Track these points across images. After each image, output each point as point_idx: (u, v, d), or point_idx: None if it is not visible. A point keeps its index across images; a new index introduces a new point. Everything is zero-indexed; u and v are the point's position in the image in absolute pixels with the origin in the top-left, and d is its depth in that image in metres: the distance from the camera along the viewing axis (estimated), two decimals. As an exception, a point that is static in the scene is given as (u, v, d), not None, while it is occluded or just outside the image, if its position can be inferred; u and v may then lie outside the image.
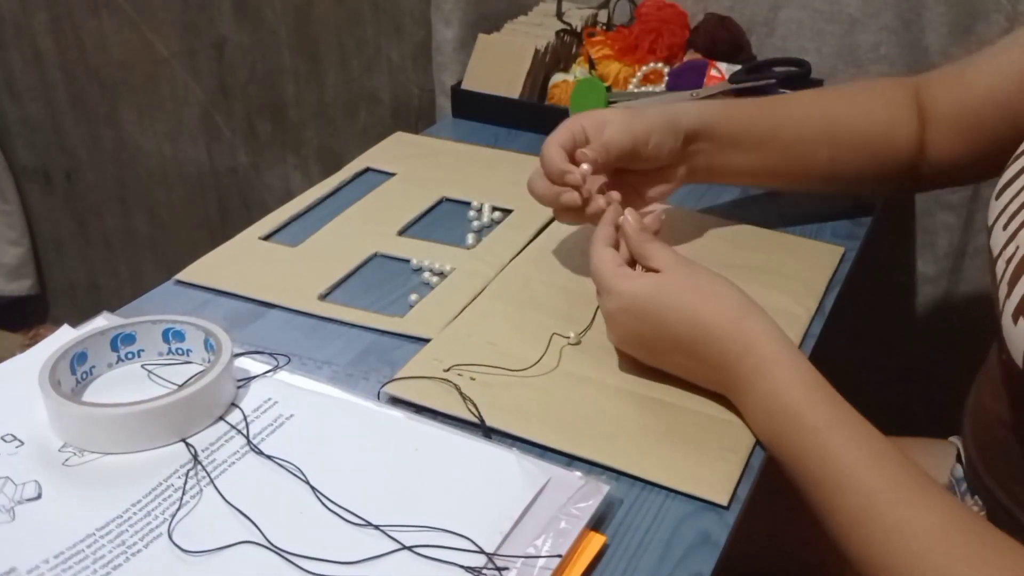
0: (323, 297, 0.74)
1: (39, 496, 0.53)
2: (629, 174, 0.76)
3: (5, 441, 0.57)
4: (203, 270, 0.77)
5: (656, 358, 0.64)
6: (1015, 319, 0.55)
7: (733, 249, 0.80)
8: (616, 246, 0.67)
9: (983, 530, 0.50)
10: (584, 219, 0.72)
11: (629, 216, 0.66)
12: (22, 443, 0.57)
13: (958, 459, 0.74)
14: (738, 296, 0.61)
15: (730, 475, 0.57)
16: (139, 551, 0.50)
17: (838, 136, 0.80)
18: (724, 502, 0.55)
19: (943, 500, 0.52)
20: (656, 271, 0.63)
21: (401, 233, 0.84)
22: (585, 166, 0.70)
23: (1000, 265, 0.59)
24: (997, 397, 0.66)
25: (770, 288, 0.73)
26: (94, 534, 0.51)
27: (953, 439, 0.77)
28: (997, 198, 0.63)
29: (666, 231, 0.81)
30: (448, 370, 0.65)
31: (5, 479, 0.54)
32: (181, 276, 0.76)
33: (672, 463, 0.58)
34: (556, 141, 0.72)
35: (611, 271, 0.63)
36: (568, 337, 0.68)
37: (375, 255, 0.80)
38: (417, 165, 0.95)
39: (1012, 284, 0.56)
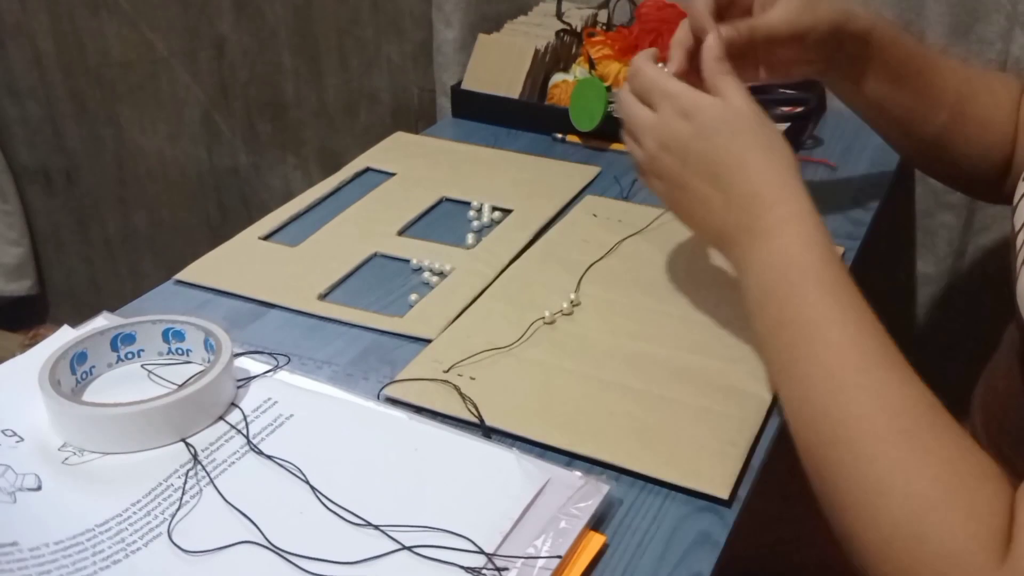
0: (323, 297, 0.74)
1: (39, 487, 0.53)
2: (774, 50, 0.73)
3: (5, 435, 0.57)
4: (203, 270, 0.77)
5: (682, 180, 0.62)
6: None
7: None
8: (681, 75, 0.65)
9: (938, 422, 0.50)
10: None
11: (713, 39, 0.64)
12: (22, 439, 0.57)
13: None
14: (791, 160, 0.60)
15: (730, 469, 0.57)
16: (138, 549, 0.50)
17: (960, 109, 0.77)
18: (725, 495, 0.55)
19: (916, 381, 0.51)
20: None
21: (401, 233, 0.84)
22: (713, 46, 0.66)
23: (1021, 237, 0.59)
24: (1012, 375, 0.65)
25: None
26: (93, 529, 0.51)
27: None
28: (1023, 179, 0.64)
29: (664, 230, 0.82)
30: (448, 371, 0.65)
31: (6, 467, 0.54)
32: (181, 276, 0.76)
33: (672, 458, 0.58)
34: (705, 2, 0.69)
35: (674, 80, 0.63)
36: (562, 308, 0.70)
37: (375, 255, 0.80)
38: (417, 165, 0.95)
39: None
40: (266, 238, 0.83)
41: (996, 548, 0.44)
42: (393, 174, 0.94)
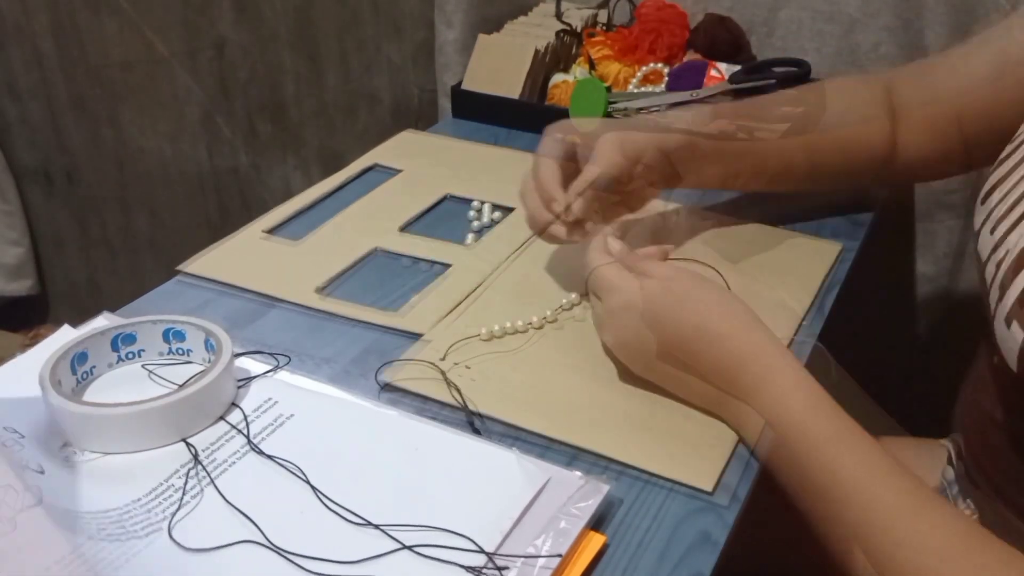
0: (321, 291, 0.75)
1: (43, 472, 0.54)
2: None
3: (7, 431, 0.57)
4: (205, 263, 0.78)
5: (650, 362, 0.62)
6: (1008, 323, 0.55)
7: (731, 245, 0.81)
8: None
9: (989, 544, 0.50)
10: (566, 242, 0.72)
11: (612, 243, 0.66)
12: (23, 437, 0.57)
13: (949, 461, 0.74)
14: (743, 307, 0.61)
15: (716, 462, 0.58)
16: (139, 551, 0.50)
17: (814, 141, 0.80)
18: (709, 488, 0.56)
19: (950, 513, 0.52)
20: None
21: (403, 229, 0.84)
22: (575, 203, 0.71)
23: (990, 269, 0.59)
24: (990, 398, 0.66)
25: (766, 283, 0.73)
26: (96, 513, 0.51)
27: (944, 441, 0.77)
28: (983, 203, 0.63)
29: (663, 228, 0.82)
30: (444, 359, 0.66)
31: (6, 488, 0.54)
32: (183, 267, 0.77)
33: (660, 451, 0.58)
34: (550, 156, 0.73)
35: (616, 271, 0.64)
36: (561, 303, 0.70)
37: (375, 251, 0.80)
38: (423, 163, 0.96)
39: (1004, 288, 0.56)
40: (269, 233, 0.83)
41: None
42: (399, 171, 0.94)
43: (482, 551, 0.50)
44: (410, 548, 0.50)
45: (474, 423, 0.61)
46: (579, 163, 0.73)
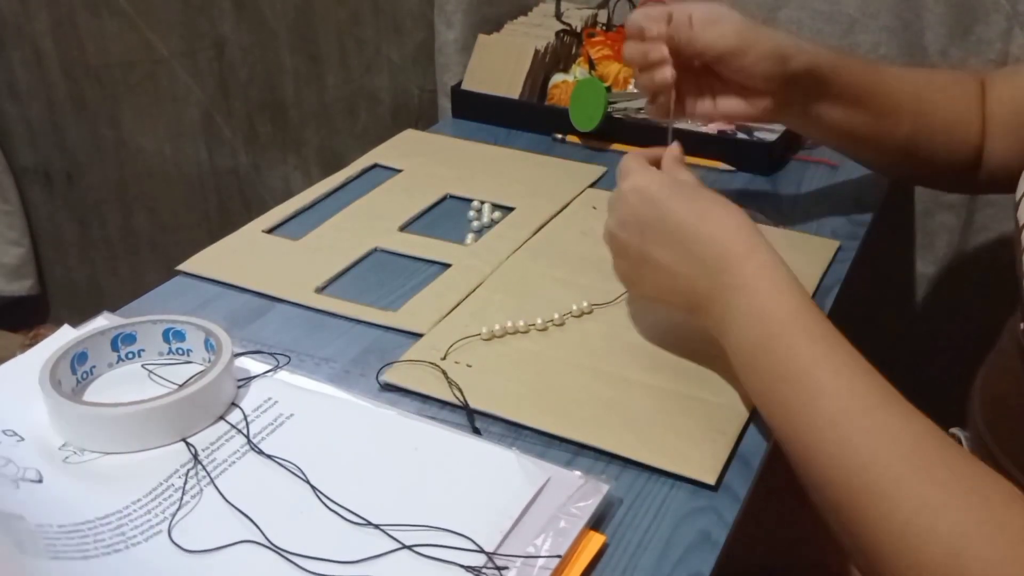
0: (320, 290, 0.75)
1: (40, 480, 0.54)
2: (714, 76, 0.75)
3: (6, 435, 0.57)
4: (205, 262, 0.78)
5: (643, 253, 0.63)
6: None
7: None
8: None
9: (954, 450, 0.49)
10: (654, 86, 0.74)
11: (675, 147, 0.68)
12: (23, 439, 0.57)
13: None
14: (744, 215, 0.61)
15: (718, 455, 0.58)
16: (138, 543, 0.50)
17: (922, 115, 0.79)
18: (712, 481, 0.56)
19: (918, 414, 0.51)
20: None
21: (403, 229, 0.84)
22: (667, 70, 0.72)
23: None
24: (1016, 375, 0.65)
25: None
26: (93, 521, 0.51)
27: (954, 430, 0.77)
28: None
29: None
30: (444, 358, 0.66)
31: (7, 460, 0.54)
32: (183, 267, 0.77)
33: (662, 445, 0.58)
34: (648, 12, 0.73)
35: (640, 162, 0.66)
36: (571, 310, 0.70)
37: (375, 250, 0.80)
38: (424, 162, 0.96)
39: None
40: (270, 231, 0.83)
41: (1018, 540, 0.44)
42: (400, 171, 0.94)
43: (482, 551, 0.50)
44: (410, 548, 0.50)
45: (474, 421, 0.61)
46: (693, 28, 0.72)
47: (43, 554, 0.48)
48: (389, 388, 0.64)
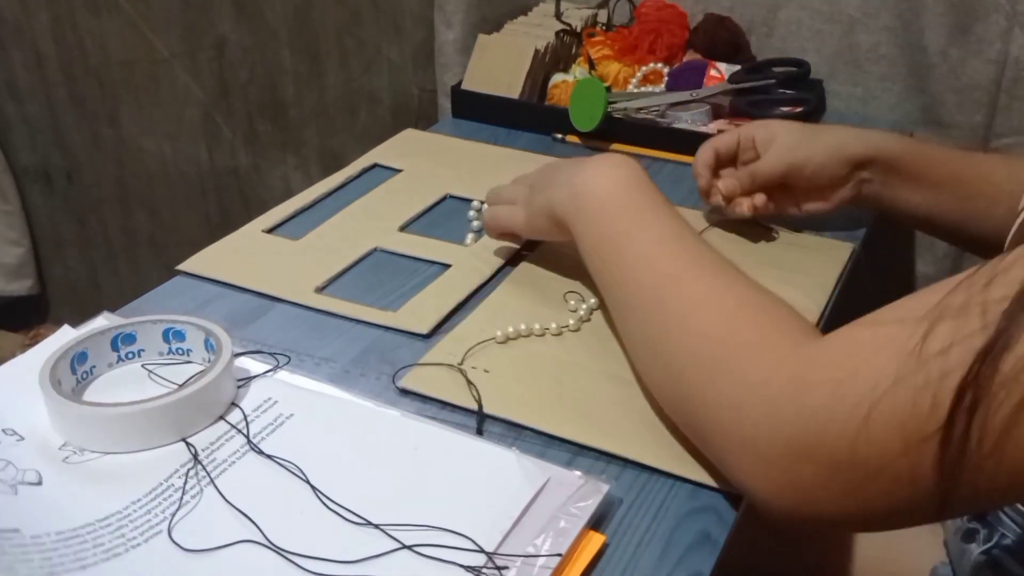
0: (320, 290, 0.75)
1: (40, 482, 0.54)
2: (791, 184, 0.81)
3: (6, 434, 0.57)
4: (204, 262, 0.78)
5: (535, 203, 0.71)
6: None
7: (743, 244, 0.81)
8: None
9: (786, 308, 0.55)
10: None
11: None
12: (22, 438, 0.57)
13: None
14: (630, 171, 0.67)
15: None
16: (138, 546, 0.50)
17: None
18: (715, 483, 0.56)
19: (744, 278, 0.58)
20: None
21: (403, 229, 0.84)
22: (728, 181, 0.80)
23: None
24: None
25: (780, 282, 0.72)
26: (93, 524, 0.51)
27: None
28: None
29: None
30: (462, 363, 0.65)
31: (7, 462, 0.54)
32: (183, 266, 0.77)
33: (677, 451, 0.58)
34: (713, 145, 0.82)
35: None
36: (580, 312, 0.71)
37: (375, 250, 0.80)
38: (424, 162, 0.96)
39: None
40: (269, 231, 0.83)
41: (803, 341, 0.51)
42: (400, 171, 0.94)
43: (482, 551, 0.50)
44: (410, 548, 0.50)
45: (481, 425, 0.60)
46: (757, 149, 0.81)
47: (37, 572, 0.48)
48: (406, 393, 0.64)
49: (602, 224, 0.64)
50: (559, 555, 0.50)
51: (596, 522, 0.53)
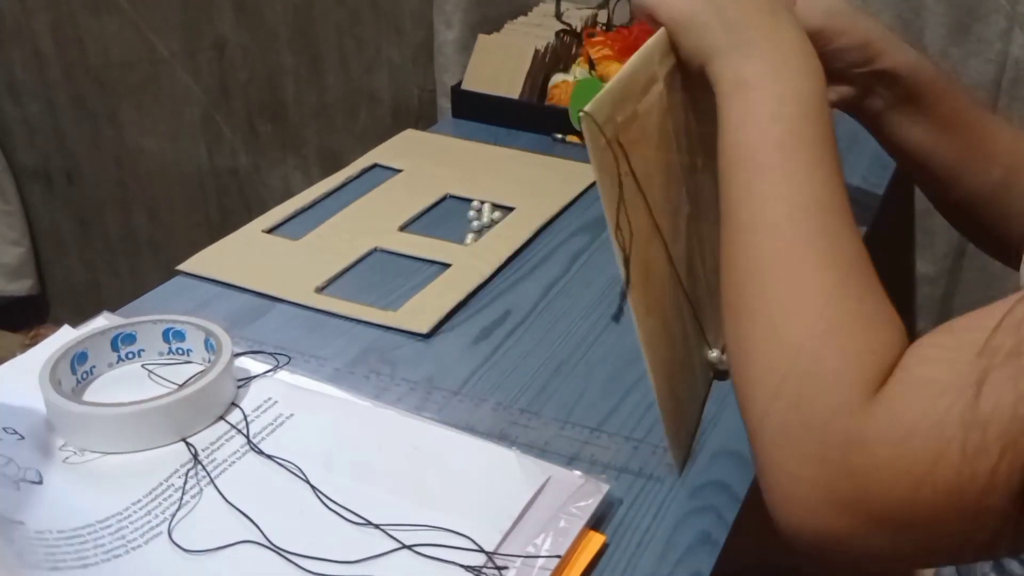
0: (320, 290, 0.75)
1: (40, 481, 0.54)
2: None
3: (7, 432, 0.57)
4: (204, 262, 0.78)
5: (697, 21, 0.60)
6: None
7: None
8: None
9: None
10: None
11: None
12: (23, 437, 0.57)
13: None
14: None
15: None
16: (139, 546, 0.50)
17: (1018, 167, 0.73)
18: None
19: (864, 281, 0.54)
20: None
21: (402, 229, 0.84)
22: None
23: None
24: None
25: None
26: (94, 524, 0.51)
27: None
28: None
29: (688, 230, 0.78)
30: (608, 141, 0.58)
31: (8, 459, 0.54)
32: (183, 267, 0.77)
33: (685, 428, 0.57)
34: None
35: None
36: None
37: (375, 250, 0.80)
38: (424, 162, 0.96)
39: None
40: (269, 231, 0.83)
41: (873, 389, 0.46)
42: (400, 171, 0.94)
43: (482, 550, 0.50)
44: (410, 548, 0.50)
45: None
46: None
47: (43, 564, 0.48)
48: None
49: (760, 135, 0.55)
50: (559, 555, 0.50)
51: (596, 522, 0.53)
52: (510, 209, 0.86)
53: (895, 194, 1.04)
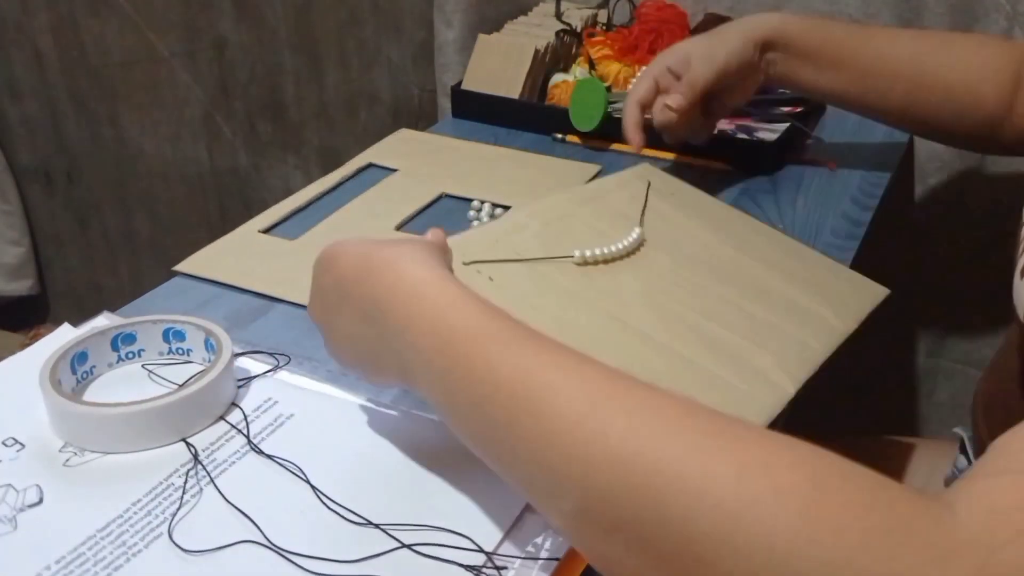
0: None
1: (40, 501, 0.53)
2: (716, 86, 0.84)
3: (6, 446, 0.57)
4: (202, 262, 0.78)
5: (330, 324, 0.53)
6: (1022, 275, 0.55)
7: (782, 254, 0.75)
8: None
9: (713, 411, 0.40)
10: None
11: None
12: (23, 446, 0.57)
13: (962, 451, 0.74)
14: (408, 248, 0.51)
15: None
16: (139, 551, 0.50)
17: (920, 77, 0.81)
18: None
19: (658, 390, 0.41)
20: None
21: (399, 228, 0.84)
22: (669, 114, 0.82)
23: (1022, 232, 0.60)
24: (1011, 371, 0.65)
25: (812, 296, 0.69)
26: (95, 535, 0.51)
27: (958, 429, 0.77)
28: None
29: (719, 223, 0.78)
30: (468, 264, 0.61)
31: (7, 487, 0.54)
32: (180, 267, 0.77)
33: None
34: (636, 100, 0.84)
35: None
36: (573, 256, 0.65)
37: (373, 252, 0.80)
38: (419, 162, 0.96)
39: (1021, 243, 0.57)
40: (266, 231, 0.83)
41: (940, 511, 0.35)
42: (395, 170, 0.94)
43: (482, 550, 0.50)
44: (410, 547, 0.50)
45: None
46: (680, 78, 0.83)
47: None
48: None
49: (449, 361, 0.45)
50: (558, 557, 0.50)
51: (596, 522, 0.53)
52: (505, 208, 0.86)
53: (895, 194, 1.04)
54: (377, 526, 0.52)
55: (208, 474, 0.55)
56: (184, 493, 0.54)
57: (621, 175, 0.80)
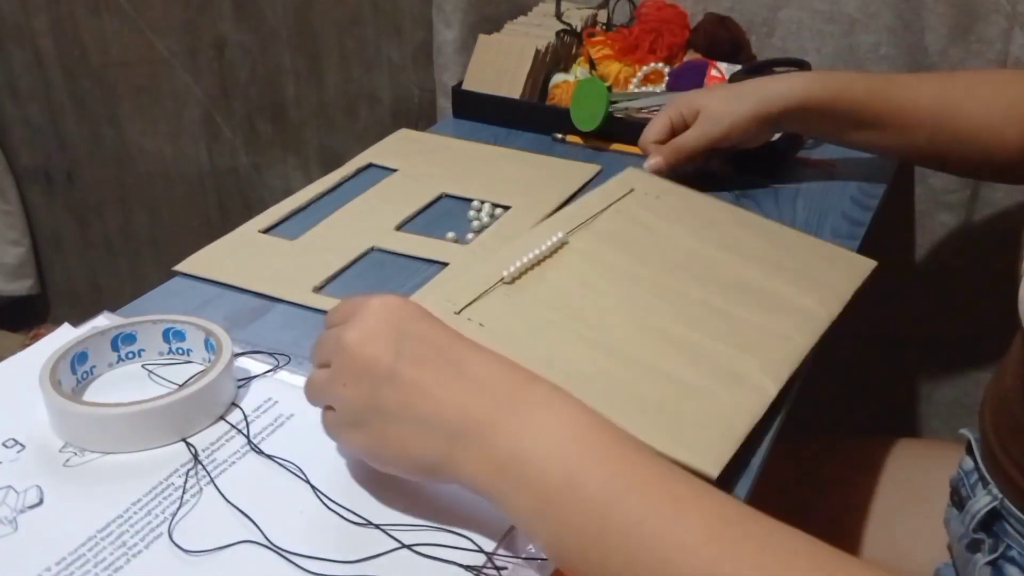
0: (318, 290, 0.75)
1: (41, 502, 0.53)
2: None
3: (6, 447, 0.57)
4: (202, 262, 0.78)
5: (373, 407, 0.48)
6: None
7: (767, 245, 0.78)
8: None
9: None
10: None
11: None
12: (23, 447, 0.57)
13: (967, 451, 0.74)
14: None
15: (724, 450, 0.57)
16: (139, 552, 0.50)
17: (943, 124, 0.82)
18: (714, 474, 0.55)
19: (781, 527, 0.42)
20: None
21: (399, 228, 0.84)
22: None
23: None
24: (1016, 375, 0.66)
25: (796, 286, 0.72)
26: (95, 536, 0.51)
27: (964, 430, 0.77)
28: None
29: (703, 223, 0.80)
30: (459, 312, 0.64)
31: (7, 489, 0.54)
32: (180, 267, 0.77)
33: (668, 431, 0.57)
34: (649, 140, 0.88)
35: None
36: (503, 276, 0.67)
37: (372, 249, 0.80)
38: (419, 161, 0.96)
39: None
40: (266, 231, 0.83)
41: None
42: (395, 170, 0.94)
43: (481, 551, 0.50)
44: (410, 547, 0.50)
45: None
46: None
47: None
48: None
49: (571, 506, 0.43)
50: (559, 555, 0.50)
51: (596, 522, 0.53)
52: (506, 208, 0.86)
53: (895, 194, 1.04)
54: (377, 526, 0.51)
55: (208, 474, 0.55)
56: (184, 493, 0.54)
57: (605, 186, 0.83)
